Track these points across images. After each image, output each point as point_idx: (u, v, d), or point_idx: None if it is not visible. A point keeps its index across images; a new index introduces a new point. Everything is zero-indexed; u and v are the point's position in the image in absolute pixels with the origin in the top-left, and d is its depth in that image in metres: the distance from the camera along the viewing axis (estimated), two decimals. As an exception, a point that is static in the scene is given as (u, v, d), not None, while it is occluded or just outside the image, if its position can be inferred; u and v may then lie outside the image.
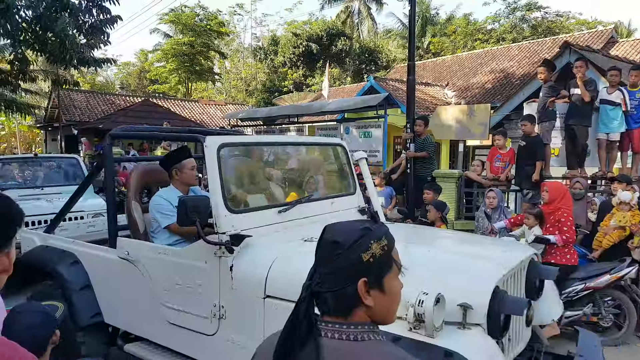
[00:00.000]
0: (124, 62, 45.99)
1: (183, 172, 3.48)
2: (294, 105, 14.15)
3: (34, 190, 7.28)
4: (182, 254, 3.00)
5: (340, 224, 1.22)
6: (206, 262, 2.80)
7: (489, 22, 32.15)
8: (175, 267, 2.98)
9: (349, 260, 1.11)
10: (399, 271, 1.19)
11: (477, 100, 16.29)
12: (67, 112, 23.19)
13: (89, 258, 3.64)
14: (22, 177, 7.99)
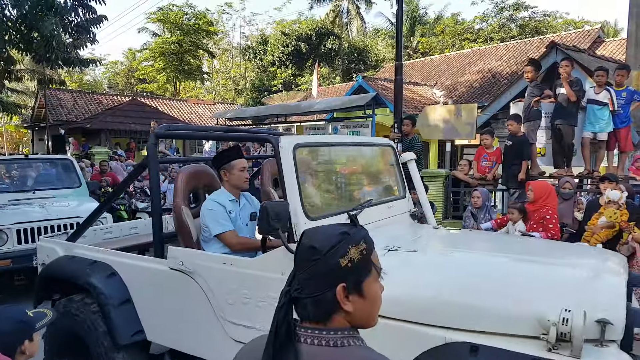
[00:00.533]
0: (112, 61, 45.64)
1: (232, 173, 3.21)
2: (282, 105, 14.14)
3: (25, 194, 6.83)
4: (253, 265, 2.74)
5: (319, 228, 1.21)
6: (283, 273, 2.51)
7: (477, 22, 32.38)
8: (244, 279, 2.71)
9: (327, 265, 1.10)
10: (379, 275, 1.19)
11: (465, 99, 16.39)
12: (54, 111, 22.94)
13: (129, 269, 3.27)
14: (12, 179, 7.52)
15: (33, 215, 5.98)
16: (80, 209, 6.35)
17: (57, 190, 7.04)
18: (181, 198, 3.35)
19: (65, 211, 6.21)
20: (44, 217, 5.90)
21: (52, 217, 5.95)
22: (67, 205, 6.50)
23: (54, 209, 6.15)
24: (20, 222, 5.76)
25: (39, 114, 24.20)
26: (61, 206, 6.40)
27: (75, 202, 6.72)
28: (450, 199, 7.02)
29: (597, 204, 5.53)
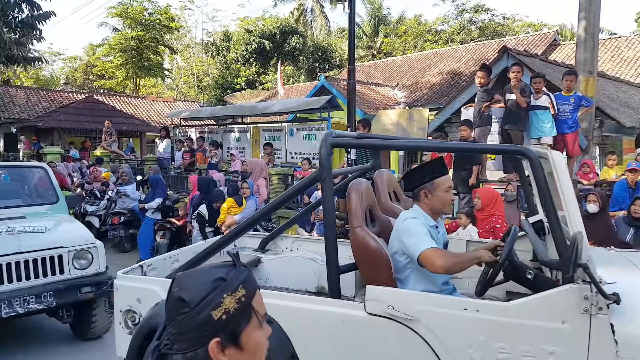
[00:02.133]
0: (71, 56, 44.14)
1: (435, 194, 2.62)
2: (238, 106, 13.94)
3: None
4: (513, 310, 2.19)
5: (192, 273, 1.09)
6: (564, 321, 2.06)
7: (439, 23, 32.84)
8: (499, 329, 2.18)
9: (197, 319, 0.99)
10: (261, 321, 1.09)
11: (425, 100, 16.57)
12: (6, 109, 22.02)
13: (292, 315, 2.50)
14: None
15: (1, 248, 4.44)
16: (63, 235, 4.92)
17: (28, 207, 5.48)
18: (360, 219, 2.65)
19: (44, 239, 4.68)
20: (15, 250, 4.38)
21: (27, 249, 4.45)
22: (43, 229, 4.88)
23: (27, 237, 4.63)
24: None
25: (-11, 111, 23.14)
26: (36, 231, 4.80)
27: (53, 223, 5.21)
28: (403, 203, 7.03)
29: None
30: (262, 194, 7.83)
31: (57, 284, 4.53)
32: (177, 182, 11.31)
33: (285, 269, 3.61)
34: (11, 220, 4.96)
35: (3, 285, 4.27)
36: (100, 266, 4.82)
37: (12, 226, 4.75)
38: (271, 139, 10.33)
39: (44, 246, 4.55)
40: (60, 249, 4.62)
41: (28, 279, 4.38)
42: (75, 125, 18.56)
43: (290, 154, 9.83)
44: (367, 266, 2.60)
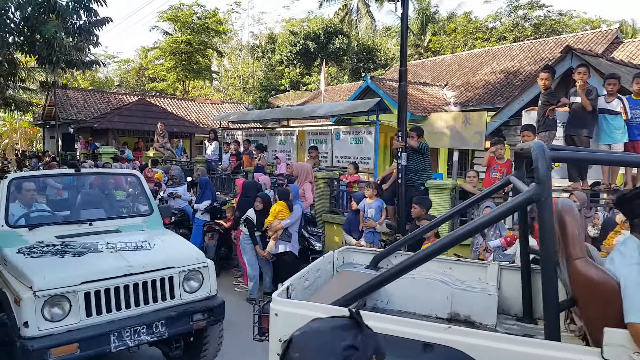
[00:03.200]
0: (124, 59, 45.80)
1: None
2: (284, 109, 13.90)
3: (79, 226, 4.56)
4: None
5: (312, 337, 0.92)
6: None
7: (490, 21, 31.78)
8: None
9: None
10: None
11: (477, 100, 15.99)
12: (64, 110, 23.02)
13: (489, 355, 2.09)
14: (56, 203, 5.11)
15: (107, 268, 3.79)
16: (172, 253, 4.29)
17: (122, 219, 4.94)
18: (583, 250, 2.27)
19: (153, 258, 4.07)
20: (126, 271, 3.78)
21: (137, 270, 3.84)
22: (147, 245, 4.28)
23: (133, 255, 4.02)
24: (91, 281, 3.63)
25: (49, 112, 24.32)
26: (140, 248, 4.19)
27: (156, 239, 4.57)
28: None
29: (614, 221, 5.20)
30: (308, 199, 7.71)
31: (168, 310, 3.92)
32: (224, 184, 11.40)
33: (410, 290, 3.21)
34: (107, 234, 4.44)
35: (111, 313, 3.68)
36: (211, 289, 4.23)
37: (111, 241, 4.19)
38: (317, 142, 10.22)
39: (155, 266, 3.94)
40: (171, 269, 4.01)
41: (137, 306, 3.80)
42: (128, 126, 19.19)
43: (337, 157, 9.68)
44: (592, 304, 2.18)
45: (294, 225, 6.61)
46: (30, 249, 3.99)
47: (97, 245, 4.12)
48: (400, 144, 6.54)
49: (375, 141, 8.40)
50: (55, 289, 3.48)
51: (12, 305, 3.52)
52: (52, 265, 3.74)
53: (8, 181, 4.56)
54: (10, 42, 10.18)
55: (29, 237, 4.21)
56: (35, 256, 3.88)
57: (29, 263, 3.76)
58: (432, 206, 6.33)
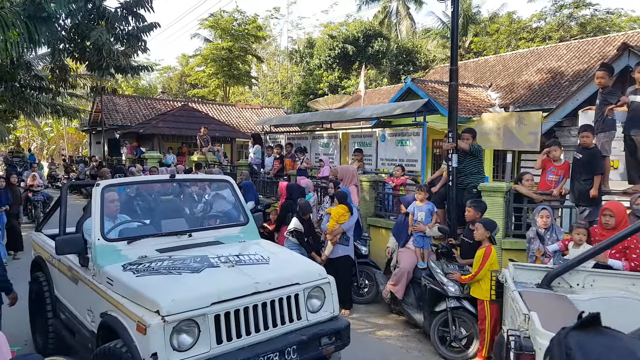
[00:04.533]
0: (165, 66, 47.05)
1: None
2: (327, 112, 13.81)
3: (178, 238, 4.11)
4: None
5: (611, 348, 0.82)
6: None
7: (534, 20, 30.85)
8: None
9: None
10: None
11: (523, 101, 15.48)
12: (110, 116, 23.78)
13: None
14: (152, 212, 4.69)
15: (235, 286, 3.29)
16: (292, 267, 3.86)
17: (218, 229, 4.46)
18: None
19: (275, 273, 3.61)
20: (254, 289, 3.31)
21: (264, 287, 3.37)
22: (262, 259, 3.82)
23: (253, 270, 3.56)
24: (221, 302, 3.13)
25: (96, 118, 25.16)
26: (256, 262, 3.74)
27: (267, 251, 4.08)
28: (512, 216, 6.44)
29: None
30: (353, 202, 7.58)
31: (297, 334, 3.45)
32: (267, 188, 11.43)
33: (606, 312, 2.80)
34: (209, 246, 4.01)
35: (241, 339, 3.16)
36: (334, 308, 3.78)
37: (221, 255, 3.74)
38: (361, 144, 10.08)
39: (280, 283, 3.47)
40: (296, 286, 3.54)
41: (267, 329, 3.33)
42: (173, 131, 19.63)
43: (381, 160, 9.51)
44: None
45: (351, 229, 6.53)
46: (137, 265, 3.51)
47: (208, 259, 3.63)
48: (451, 145, 6.33)
49: (423, 143, 8.19)
50: (185, 313, 2.97)
51: (133, 333, 2.99)
52: (173, 285, 3.23)
53: (101, 189, 4.01)
54: (61, 48, 10.49)
55: (129, 252, 3.76)
56: (147, 274, 3.39)
57: (145, 282, 3.25)
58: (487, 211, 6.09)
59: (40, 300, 4.85)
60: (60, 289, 4.59)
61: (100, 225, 3.81)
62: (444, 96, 14.92)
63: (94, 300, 3.64)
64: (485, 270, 5.04)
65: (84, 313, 3.89)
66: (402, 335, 5.93)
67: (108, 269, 3.54)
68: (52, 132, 40.63)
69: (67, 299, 4.39)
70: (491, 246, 5.12)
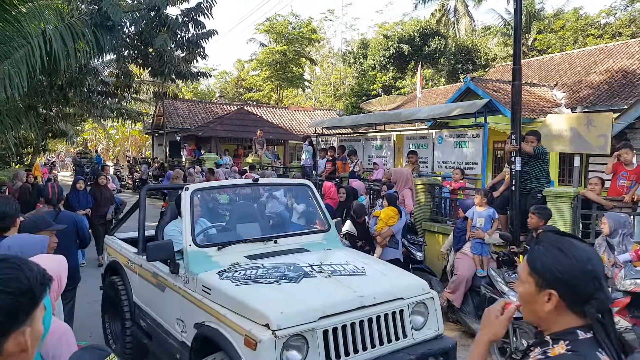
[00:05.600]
0: (222, 71, 48.34)
1: None
2: (381, 113, 13.61)
3: (265, 244, 3.96)
4: None
5: None
6: None
7: (603, 16, 29.13)
8: None
9: None
10: None
11: (591, 102, 14.61)
12: (171, 119, 24.72)
13: None
14: (233, 217, 4.59)
15: (340, 299, 3.06)
16: (393, 280, 3.59)
17: (301, 236, 4.23)
18: None
19: (378, 285, 3.38)
20: (359, 303, 3.05)
21: (369, 302, 3.11)
22: (358, 270, 3.57)
23: (353, 281, 3.33)
24: (329, 315, 2.91)
25: (158, 121, 26.24)
26: (353, 273, 3.50)
27: (356, 260, 3.81)
28: (580, 223, 6.05)
29: None
30: (408, 205, 7.40)
31: (404, 353, 3.15)
32: (319, 189, 11.41)
33: None
34: (297, 253, 3.81)
35: (349, 357, 2.94)
36: (439, 325, 3.48)
37: (313, 263, 3.52)
38: (416, 146, 9.84)
39: (384, 297, 3.19)
40: (400, 301, 3.26)
41: (373, 347, 3.06)
42: (229, 134, 20.17)
43: (438, 162, 9.23)
44: None
45: (399, 232, 6.39)
46: (233, 273, 3.35)
47: (302, 268, 3.41)
48: (514, 147, 6.03)
49: (484, 145, 7.86)
50: (295, 327, 2.77)
51: (239, 347, 2.81)
52: (278, 296, 3.06)
53: (191, 193, 3.89)
54: (125, 55, 10.95)
55: (220, 259, 3.61)
56: (246, 282, 3.21)
57: (247, 292, 3.08)
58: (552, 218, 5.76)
59: (116, 306, 4.73)
60: (141, 295, 4.44)
61: (191, 230, 3.69)
62: (506, 96, 14.32)
63: (186, 310, 3.48)
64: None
65: (172, 322, 3.73)
66: (460, 345, 5.71)
67: (203, 276, 3.38)
68: (117, 134, 42.76)
69: (150, 306, 4.24)
70: None
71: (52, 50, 7.39)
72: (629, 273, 4.55)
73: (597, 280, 1.26)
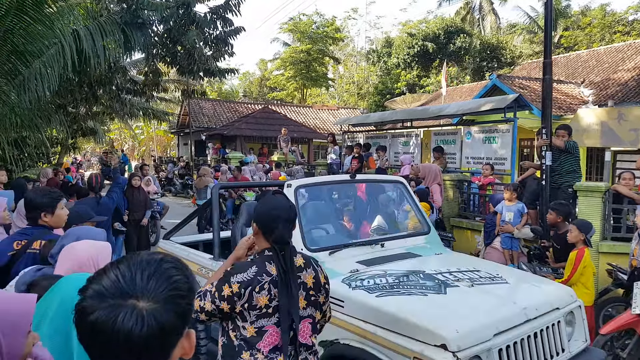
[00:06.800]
0: (245, 72, 48.79)
1: None
2: (408, 110, 13.59)
3: (372, 248, 3.60)
4: None
5: None
6: None
7: (631, 12, 28.47)
8: None
9: None
10: None
11: (619, 99, 14.32)
12: (196, 119, 25.04)
13: None
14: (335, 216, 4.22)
15: (507, 313, 2.76)
16: (540, 288, 3.23)
17: (405, 239, 3.89)
18: None
19: (533, 295, 3.07)
20: (525, 317, 2.78)
21: (533, 314, 2.83)
22: (497, 278, 3.22)
23: (497, 289, 3.10)
24: (502, 332, 2.62)
25: (183, 120, 26.59)
26: (494, 281, 3.17)
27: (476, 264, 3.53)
28: (611, 218, 5.99)
29: None
30: (437, 201, 7.41)
31: None
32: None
33: None
34: (412, 258, 3.52)
35: None
36: (586, 336, 3.17)
37: (437, 269, 3.21)
38: (444, 142, 9.83)
39: (545, 308, 2.91)
40: (556, 311, 2.96)
41: None
42: (254, 133, 20.36)
43: (466, 158, 9.20)
44: None
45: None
46: (361, 282, 2.97)
47: (434, 276, 3.08)
48: (545, 141, 6.01)
49: (513, 140, 7.82)
50: (473, 347, 2.46)
51: None
52: (437, 309, 2.72)
53: (294, 190, 3.50)
54: (154, 53, 11.09)
55: (334, 265, 3.21)
56: (386, 293, 2.82)
57: (397, 305, 2.70)
58: (582, 212, 5.73)
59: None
60: None
61: (302, 232, 3.28)
62: (532, 93, 14.17)
63: None
64: (578, 274, 4.72)
65: None
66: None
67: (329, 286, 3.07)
68: (142, 134, 43.46)
69: None
70: (584, 248, 4.79)
71: (82, 49, 7.50)
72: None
73: (277, 220, 2.02)
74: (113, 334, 0.86)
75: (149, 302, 0.89)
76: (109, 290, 0.90)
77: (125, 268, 0.94)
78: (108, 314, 0.86)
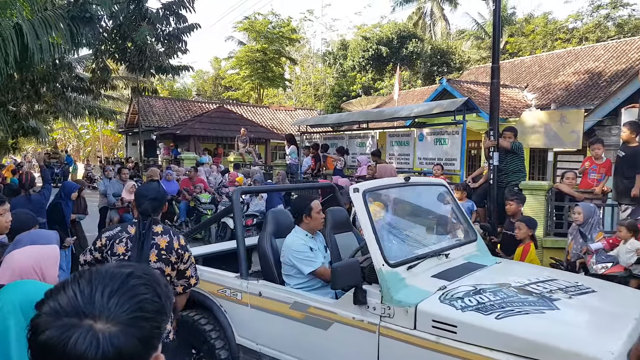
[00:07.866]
0: (198, 70, 47.89)
1: None
2: (364, 112, 13.82)
3: (439, 259, 3.26)
4: None
5: None
6: None
7: (571, 21, 30.16)
8: None
9: None
10: None
11: (560, 102, 15.17)
12: (146, 118, 24.31)
13: None
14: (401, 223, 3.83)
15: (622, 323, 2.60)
16: (624, 294, 3.20)
17: (458, 248, 3.59)
18: None
19: (627, 304, 2.96)
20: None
21: None
22: (582, 287, 3.05)
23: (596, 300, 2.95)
24: None
25: (132, 119, 25.78)
26: (583, 291, 2.99)
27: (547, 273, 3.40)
28: (553, 214, 6.35)
29: None
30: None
31: None
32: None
33: None
34: (480, 270, 3.24)
35: None
36: None
37: (518, 281, 2.96)
38: (398, 144, 10.09)
39: None
40: None
41: None
42: (209, 133, 19.96)
43: (419, 159, 9.50)
44: None
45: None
46: (463, 301, 2.64)
47: (527, 289, 2.84)
48: (492, 143, 6.29)
49: (462, 142, 8.17)
50: None
51: None
52: (569, 328, 2.50)
53: (362, 194, 3.08)
54: (102, 49, 10.70)
55: (414, 281, 2.88)
56: (503, 314, 2.51)
57: (526, 327, 2.41)
58: (527, 210, 6.03)
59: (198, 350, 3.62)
60: (259, 336, 3.41)
61: (379, 244, 2.87)
62: (479, 97, 14.75)
63: (400, 355, 2.65)
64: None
65: None
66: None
67: (428, 308, 2.62)
68: (87, 134, 41.88)
69: (288, 350, 3.24)
70: (531, 243, 5.06)
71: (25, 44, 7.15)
72: (600, 258, 4.86)
73: (144, 199, 2.74)
74: (64, 356, 0.77)
75: (107, 323, 0.79)
76: (64, 307, 0.80)
77: (85, 283, 0.83)
78: (60, 334, 0.78)
